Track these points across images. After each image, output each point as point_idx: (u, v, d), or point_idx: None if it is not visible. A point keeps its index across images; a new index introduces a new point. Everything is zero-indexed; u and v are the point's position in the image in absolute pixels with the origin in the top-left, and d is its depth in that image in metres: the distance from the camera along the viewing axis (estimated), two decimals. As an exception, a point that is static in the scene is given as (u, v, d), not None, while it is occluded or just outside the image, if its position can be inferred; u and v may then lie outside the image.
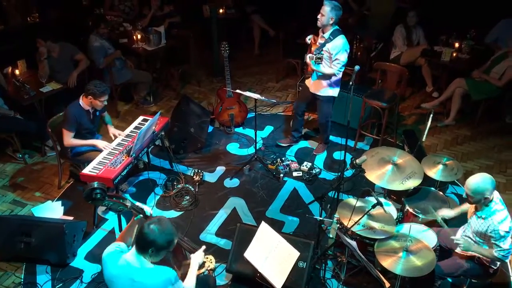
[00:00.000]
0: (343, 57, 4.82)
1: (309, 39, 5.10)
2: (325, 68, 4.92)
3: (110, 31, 6.56)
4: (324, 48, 4.85)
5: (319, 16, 4.77)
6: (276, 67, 7.65)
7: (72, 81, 5.77)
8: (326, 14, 4.71)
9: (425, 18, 6.73)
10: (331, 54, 4.82)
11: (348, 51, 4.86)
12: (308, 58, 4.98)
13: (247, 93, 5.07)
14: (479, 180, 3.25)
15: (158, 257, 2.72)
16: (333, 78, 4.99)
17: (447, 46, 6.48)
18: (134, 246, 2.73)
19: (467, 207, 3.75)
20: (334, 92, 5.12)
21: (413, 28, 6.63)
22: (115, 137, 4.75)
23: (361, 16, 7.67)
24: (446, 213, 3.81)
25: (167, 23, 7.23)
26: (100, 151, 4.54)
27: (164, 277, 2.70)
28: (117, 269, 2.72)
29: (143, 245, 2.66)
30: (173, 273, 2.75)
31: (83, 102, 4.50)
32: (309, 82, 5.24)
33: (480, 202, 3.30)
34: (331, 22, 4.75)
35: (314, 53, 4.88)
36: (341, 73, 4.98)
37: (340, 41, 4.79)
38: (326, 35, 4.82)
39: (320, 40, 4.91)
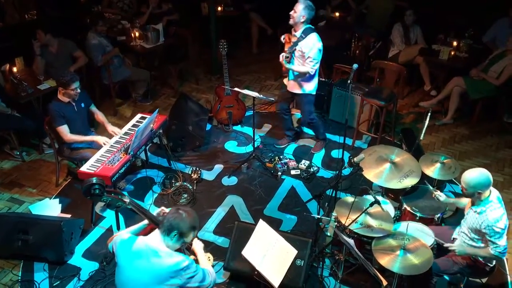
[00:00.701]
0: (316, 55, 4.80)
1: (283, 38, 5.06)
2: (298, 66, 4.91)
3: (108, 28, 6.55)
4: (296, 47, 4.83)
5: (291, 13, 4.75)
6: (274, 65, 7.62)
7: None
8: (299, 11, 4.69)
9: (424, 16, 6.73)
10: (304, 53, 4.80)
11: (322, 48, 4.83)
12: (280, 57, 4.94)
13: (245, 91, 5.06)
14: (475, 174, 3.26)
15: (178, 243, 2.81)
16: (308, 76, 4.97)
17: (445, 44, 6.48)
18: (157, 230, 2.82)
19: (465, 201, 3.76)
20: (312, 89, 5.10)
21: (410, 26, 6.64)
22: (115, 134, 4.74)
23: (359, 14, 7.68)
24: (440, 193, 3.82)
25: (166, 21, 7.22)
26: (97, 148, 4.54)
27: (179, 261, 2.77)
28: (133, 252, 2.79)
29: (169, 227, 2.76)
30: (188, 258, 2.83)
31: (60, 96, 4.54)
32: (286, 81, 5.24)
33: (474, 196, 3.31)
34: (302, 20, 4.72)
35: (287, 51, 4.87)
36: (316, 70, 4.94)
37: (312, 39, 4.76)
38: (298, 33, 4.80)
39: (293, 39, 4.88)
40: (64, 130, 4.53)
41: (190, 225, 2.78)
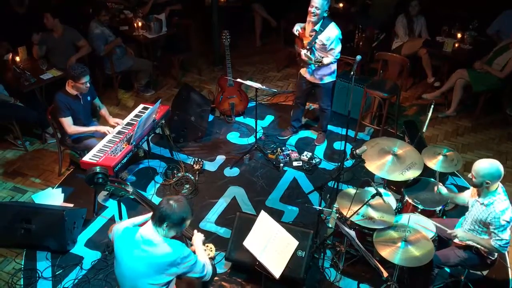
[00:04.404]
0: (338, 45, 4.78)
1: (296, 30, 4.97)
2: (323, 59, 4.86)
3: (110, 18, 6.52)
4: (316, 40, 4.78)
5: (312, 9, 4.65)
6: (277, 56, 7.62)
7: (70, 65, 5.76)
8: (321, 6, 4.60)
9: (428, 8, 6.68)
10: (325, 45, 4.77)
11: (341, 36, 4.79)
12: (302, 55, 4.85)
13: (248, 82, 5.05)
14: (486, 164, 3.27)
15: (171, 233, 2.83)
16: (330, 66, 4.96)
17: (450, 36, 6.44)
18: (150, 220, 2.84)
19: (461, 197, 3.76)
20: (333, 77, 5.11)
21: (415, 17, 6.59)
22: (117, 125, 4.74)
23: (363, 5, 7.63)
24: (441, 187, 3.83)
25: (168, 11, 7.20)
26: (100, 137, 4.55)
27: (176, 250, 2.80)
28: (130, 243, 2.82)
29: (159, 218, 2.77)
30: (186, 248, 2.85)
31: (68, 88, 4.50)
32: (304, 72, 5.20)
33: (482, 186, 3.30)
34: (325, 14, 4.67)
35: (307, 46, 4.78)
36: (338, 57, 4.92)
37: (332, 29, 4.71)
38: (317, 27, 4.74)
39: (311, 32, 4.81)
40: (67, 122, 4.52)
41: (180, 216, 2.79)
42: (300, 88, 5.46)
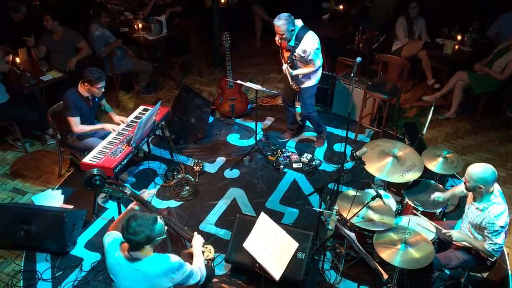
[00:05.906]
0: (315, 55, 4.76)
1: (278, 40, 4.92)
2: (303, 70, 4.90)
3: (111, 20, 6.53)
4: (295, 54, 4.79)
5: (278, 37, 4.67)
6: (277, 58, 7.58)
7: (70, 66, 5.77)
8: (285, 30, 4.58)
9: (428, 10, 6.69)
10: (303, 56, 4.77)
11: (319, 46, 4.76)
12: (284, 69, 4.90)
13: (248, 84, 5.06)
14: (479, 168, 3.26)
15: (153, 246, 2.75)
16: (313, 73, 4.96)
17: (450, 38, 6.44)
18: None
19: (459, 190, 3.75)
20: (314, 82, 5.07)
21: (414, 19, 6.59)
22: (122, 123, 4.77)
23: (363, 7, 7.63)
24: (438, 195, 3.83)
25: (169, 13, 7.20)
26: (100, 137, 4.57)
27: (165, 265, 2.74)
28: (119, 259, 2.75)
29: (132, 246, 2.69)
30: (180, 261, 2.78)
31: (81, 89, 4.50)
32: (288, 72, 5.18)
33: (475, 190, 3.30)
34: (292, 33, 4.65)
35: (288, 60, 4.83)
36: (320, 66, 4.92)
37: (307, 42, 4.68)
38: (292, 42, 4.74)
39: (289, 47, 4.83)
40: (76, 121, 4.52)
41: (145, 235, 2.61)
42: (286, 89, 5.42)
